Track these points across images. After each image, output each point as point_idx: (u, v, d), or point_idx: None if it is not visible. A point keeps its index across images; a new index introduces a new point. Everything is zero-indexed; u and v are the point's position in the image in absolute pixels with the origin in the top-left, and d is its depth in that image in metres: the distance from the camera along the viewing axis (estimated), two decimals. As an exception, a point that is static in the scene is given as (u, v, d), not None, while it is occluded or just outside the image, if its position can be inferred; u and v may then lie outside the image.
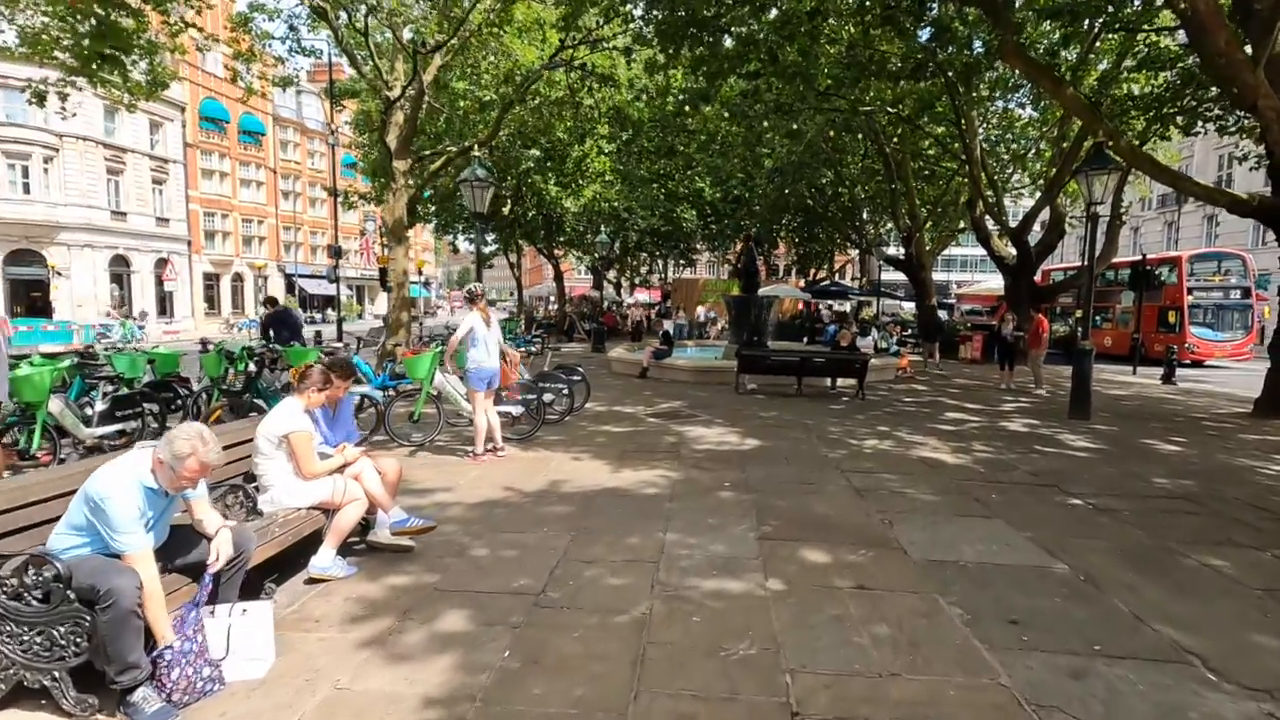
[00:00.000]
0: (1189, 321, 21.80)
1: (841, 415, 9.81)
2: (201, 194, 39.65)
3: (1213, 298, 22.60)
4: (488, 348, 6.70)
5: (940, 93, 16.23)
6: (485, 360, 6.66)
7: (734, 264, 17.18)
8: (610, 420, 9.07)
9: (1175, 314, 22.11)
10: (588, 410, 9.75)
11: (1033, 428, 9.12)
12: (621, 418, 9.27)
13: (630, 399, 11.07)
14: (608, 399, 10.95)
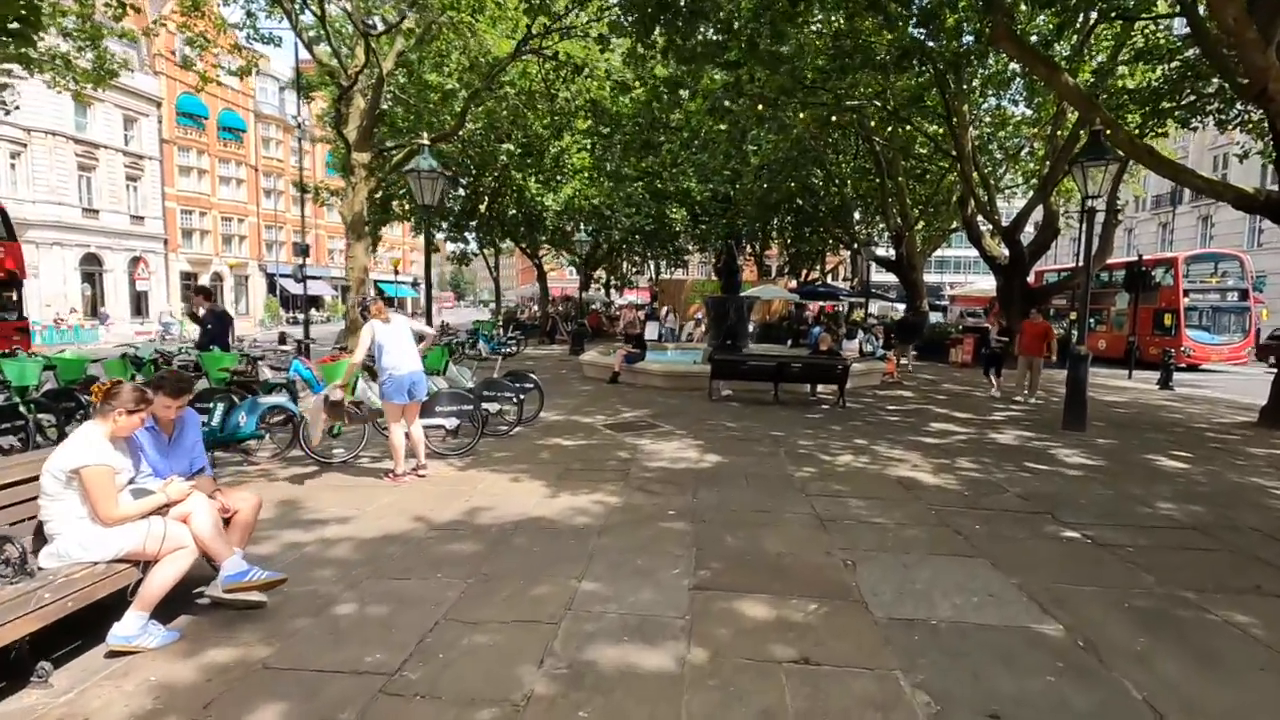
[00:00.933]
0: (1185, 324, 21.22)
1: (817, 426, 9.06)
2: (179, 191, 38.72)
3: (1209, 300, 22.05)
4: (401, 350, 5.90)
5: (930, 85, 15.53)
6: (399, 365, 5.86)
7: (714, 264, 16.42)
8: (563, 432, 8.29)
9: (1171, 316, 21.52)
10: (543, 420, 8.97)
11: (1024, 440, 8.38)
12: (577, 429, 8.50)
13: (593, 406, 10.30)
14: (569, 407, 10.18)
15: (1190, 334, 21.20)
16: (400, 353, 5.86)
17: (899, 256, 23.67)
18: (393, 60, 13.41)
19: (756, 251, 41.71)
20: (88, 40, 13.76)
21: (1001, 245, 20.38)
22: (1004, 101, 23.83)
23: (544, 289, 31.00)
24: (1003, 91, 22.68)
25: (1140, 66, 15.30)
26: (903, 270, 23.83)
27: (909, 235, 23.10)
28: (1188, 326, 21.27)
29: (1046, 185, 18.13)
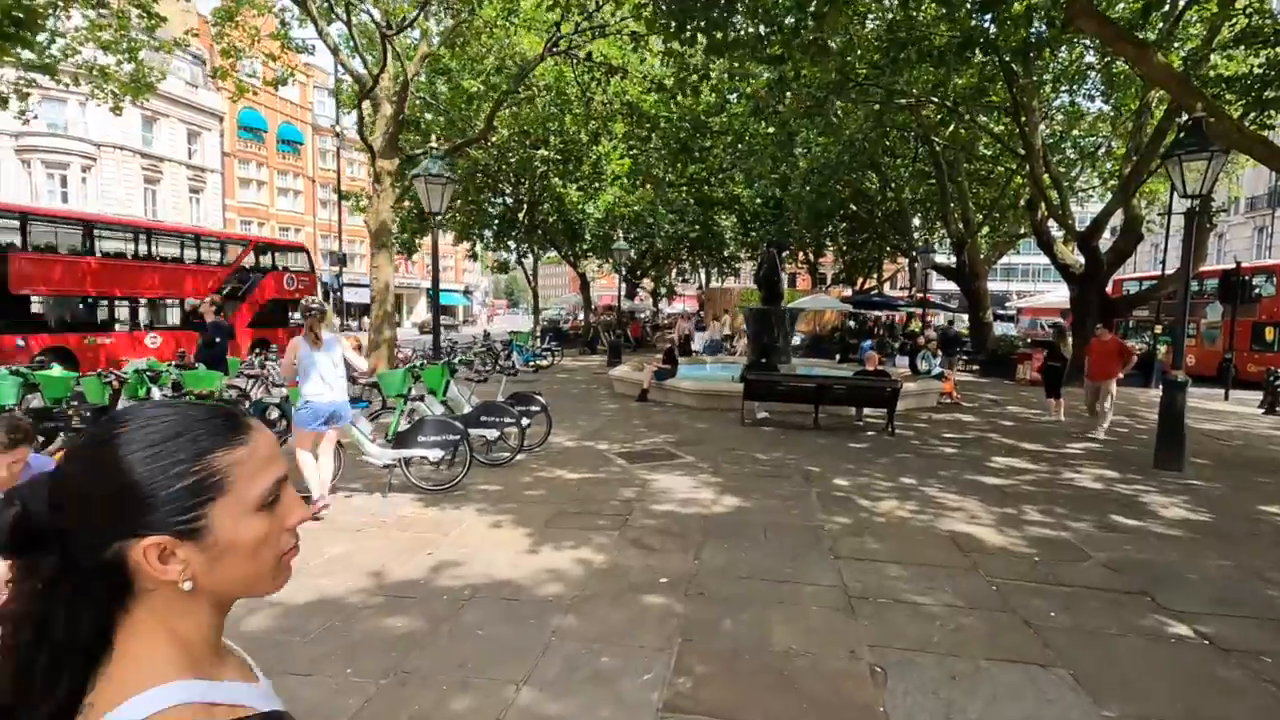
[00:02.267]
0: None
1: (860, 458, 7.97)
2: (239, 203, 40.00)
3: None
4: (322, 378, 5.24)
5: (994, 77, 14.17)
6: (321, 394, 5.24)
7: (755, 272, 15.44)
8: (569, 462, 7.47)
9: (1274, 330, 19.28)
10: (552, 445, 8.19)
11: (1108, 483, 7.10)
12: (585, 459, 7.66)
13: (613, 430, 9.46)
14: (586, 430, 9.37)
15: None
16: (323, 381, 5.23)
17: (960, 264, 22.04)
18: (418, 64, 12.97)
19: (810, 259, 40.30)
20: (125, 53, 13.84)
21: (1076, 252, 18.63)
22: (1078, 98, 22.04)
23: (586, 298, 30.45)
24: (1077, 86, 20.94)
25: (1241, 52, 13.59)
26: (964, 279, 22.18)
27: (971, 242, 21.48)
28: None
29: (1128, 185, 16.38)
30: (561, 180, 21.83)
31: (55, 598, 0.64)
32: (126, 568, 0.65)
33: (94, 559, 0.64)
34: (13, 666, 0.63)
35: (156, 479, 0.65)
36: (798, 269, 47.24)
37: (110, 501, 0.64)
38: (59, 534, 0.64)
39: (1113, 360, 9.76)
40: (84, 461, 0.67)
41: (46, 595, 0.64)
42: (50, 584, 0.65)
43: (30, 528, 0.64)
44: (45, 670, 0.63)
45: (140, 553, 0.64)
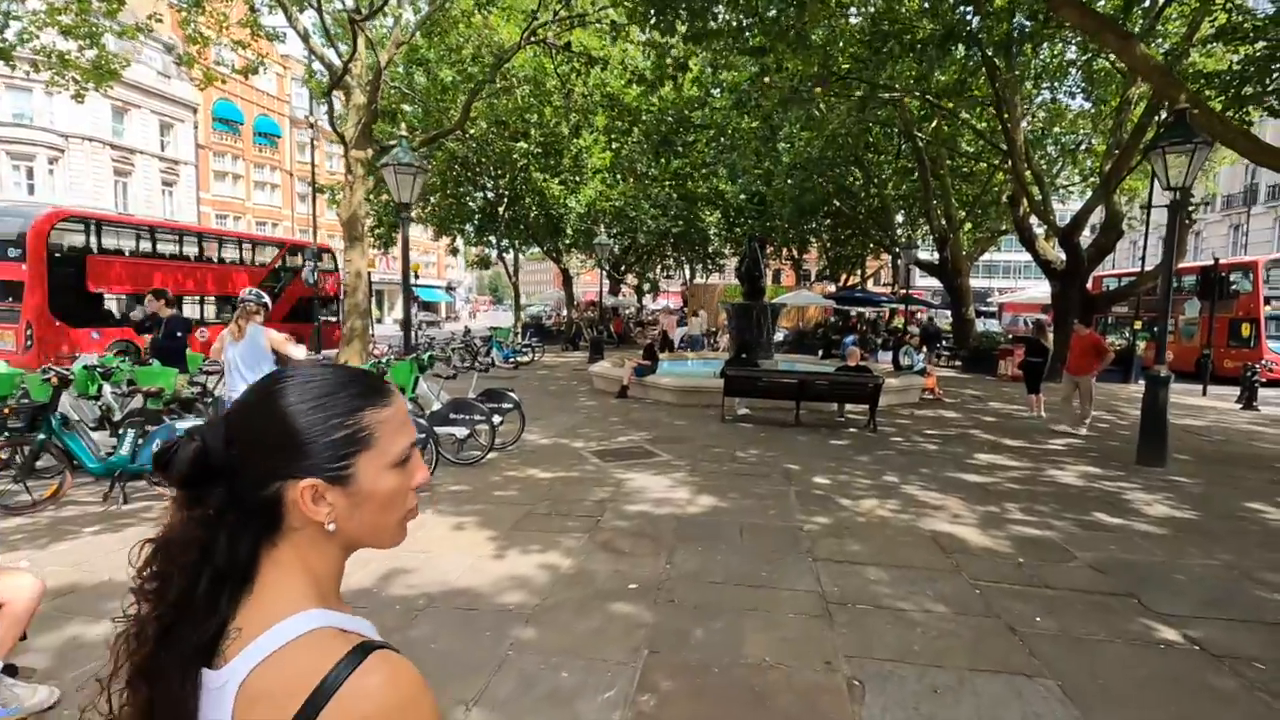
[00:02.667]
0: (1266, 335, 19.13)
1: (841, 456, 7.81)
2: (214, 196, 39.16)
3: None
4: (241, 375, 4.97)
5: (976, 69, 14.08)
6: (234, 392, 4.95)
7: (737, 267, 15.26)
8: (543, 460, 7.23)
9: (1250, 326, 19.44)
10: (526, 443, 7.95)
11: (1090, 480, 6.99)
12: (560, 457, 7.43)
13: (589, 428, 9.23)
14: (562, 427, 9.13)
15: (1272, 345, 19.10)
16: (243, 378, 4.92)
17: (943, 260, 22.04)
18: (391, 50, 12.61)
19: (794, 256, 40.28)
20: (86, 38, 13.34)
21: (1057, 248, 18.67)
22: (1059, 95, 22.11)
23: (569, 294, 30.16)
24: (1058, 83, 21.01)
25: (1220, 48, 13.59)
26: (947, 275, 22.19)
27: (954, 238, 21.47)
28: (1269, 337, 19.19)
29: (1109, 181, 16.42)
30: (543, 174, 21.53)
31: (220, 526, 0.71)
32: (282, 506, 0.72)
33: (256, 495, 0.71)
34: (180, 584, 0.69)
35: (316, 428, 0.72)
36: (782, 265, 47.27)
37: (276, 445, 0.71)
38: (229, 470, 0.71)
39: (1088, 356, 9.69)
40: (255, 408, 0.74)
41: (212, 523, 0.70)
42: (217, 514, 0.71)
43: (207, 462, 0.71)
44: (206, 590, 0.69)
45: (297, 492, 0.71)
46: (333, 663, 0.65)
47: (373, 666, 0.65)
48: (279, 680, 0.65)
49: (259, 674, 0.65)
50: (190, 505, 0.72)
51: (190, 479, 0.71)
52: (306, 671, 0.64)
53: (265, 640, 0.67)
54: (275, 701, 0.64)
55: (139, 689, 0.70)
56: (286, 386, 0.74)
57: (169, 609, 0.70)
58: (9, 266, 13.34)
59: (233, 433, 0.72)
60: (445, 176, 20.20)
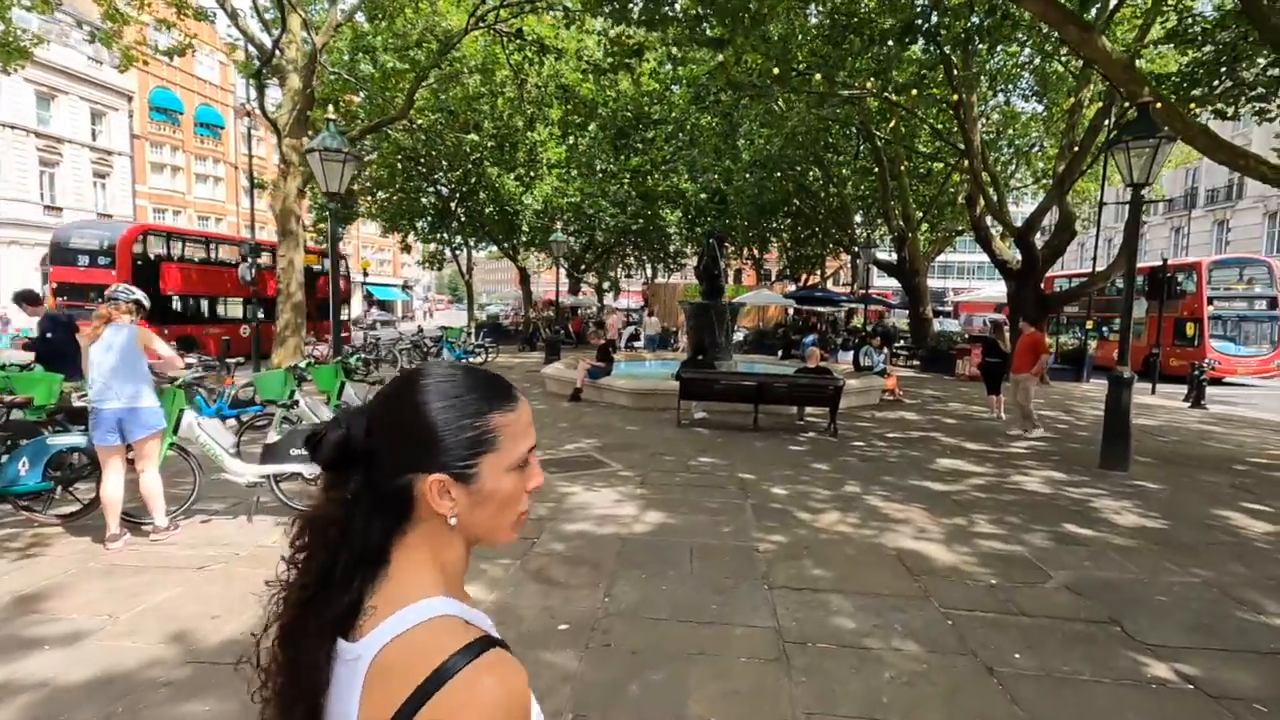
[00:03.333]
0: (1209, 334, 19.57)
1: (800, 463, 7.41)
2: (151, 189, 37.18)
3: (1235, 308, 20.37)
4: (106, 376, 4.33)
5: (934, 64, 13.93)
6: (101, 398, 4.34)
7: (695, 266, 14.85)
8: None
9: (1194, 326, 19.84)
10: (466, 454, 7.35)
11: (1056, 486, 6.72)
12: (500, 468, 6.85)
13: (537, 434, 8.63)
14: (507, 434, 8.53)
15: (1214, 344, 19.54)
16: (104, 381, 4.28)
17: (901, 260, 22.04)
18: (327, 34, 11.82)
19: (755, 255, 40.22)
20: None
21: (1013, 248, 18.77)
22: (1014, 98, 22.36)
23: (526, 293, 29.41)
24: (1012, 85, 21.23)
25: (1170, 50, 13.74)
26: (905, 275, 22.20)
27: (912, 238, 21.48)
28: (1212, 337, 19.65)
29: (1063, 182, 16.51)
30: (497, 168, 20.79)
31: (356, 509, 0.75)
32: (413, 496, 0.75)
33: (390, 484, 0.75)
34: (321, 559, 0.74)
35: (450, 427, 0.75)
36: (743, 265, 47.28)
37: (412, 438, 0.75)
38: (368, 457, 0.75)
39: (1026, 355, 9.55)
40: (395, 401, 0.78)
41: (350, 506, 0.75)
42: (354, 497, 0.75)
43: (349, 448, 0.75)
44: (345, 568, 0.73)
45: (427, 485, 0.75)
46: (451, 651, 0.67)
47: (489, 663, 0.68)
48: (402, 659, 0.68)
49: (388, 651, 0.69)
50: (333, 487, 0.76)
51: (334, 462, 0.75)
52: (427, 655, 0.67)
53: (394, 621, 0.70)
54: (396, 679, 0.67)
55: (284, 650, 0.74)
56: (424, 383, 0.77)
57: (312, 580, 0.74)
58: (100, 273, 15.30)
59: (373, 423, 0.76)
60: (394, 169, 19.32)
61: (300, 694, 0.72)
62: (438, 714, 0.64)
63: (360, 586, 0.73)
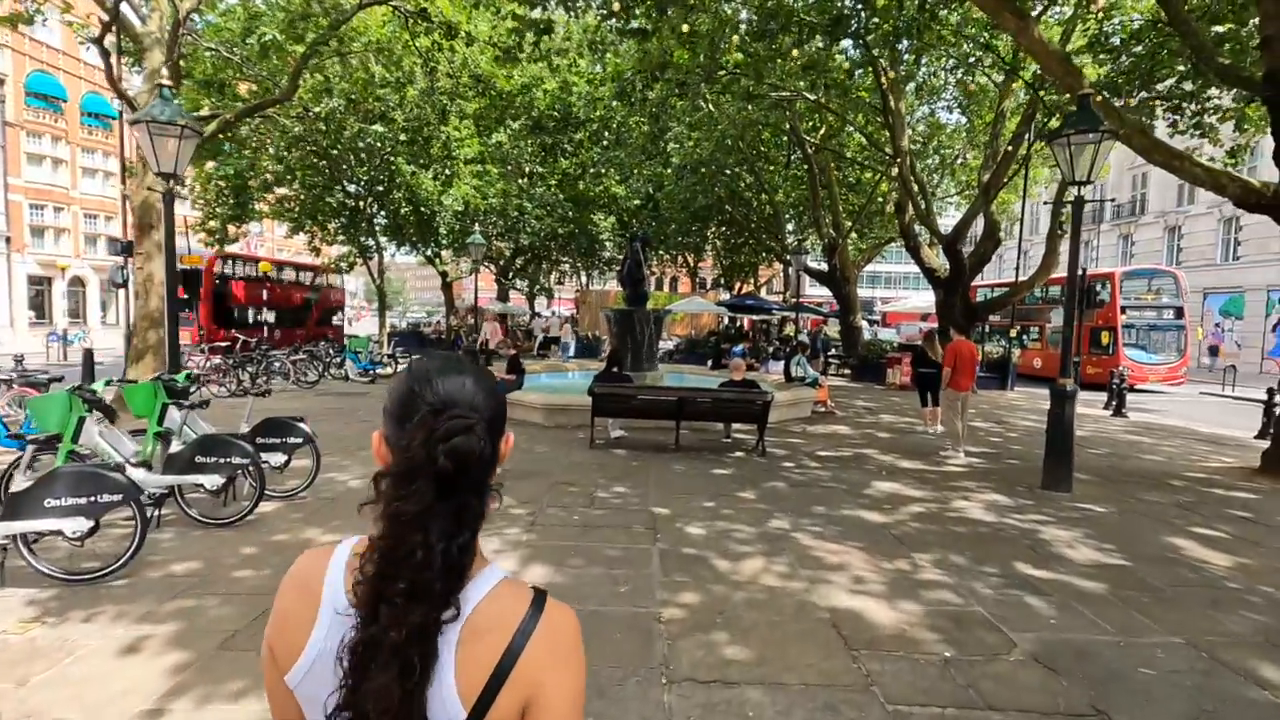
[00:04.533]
0: (1123, 343, 20.09)
1: (724, 489, 6.52)
2: (27, 182, 33.55)
3: (1145, 318, 20.97)
4: None
5: (863, 63, 13.50)
6: None
7: (618, 271, 13.94)
8: (337, 515, 5.44)
9: (1109, 334, 20.32)
10: (335, 486, 6.13)
11: (1000, 513, 6.05)
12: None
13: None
14: (389, 461, 7.33)
15: (1128, 353, 20.04)
16: None
17: (832, 268, 21.77)
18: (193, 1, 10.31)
19: (690, 263, 39.77)
20: None
21: (940, 256, 18.70)
22: (939, 109, 22.58)
23: (448, 299, 27.83)
24: (936, 97, 21.37)
25: (1093, 59, 13.76)
26: (836, 283, 21.94)
27: (842, 245, 21.23)
28: (1125, 345, 20.16)
29: (988, 190, 16.46)
30: (411, 165, 19.33)
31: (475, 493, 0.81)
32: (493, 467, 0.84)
33: (491, 463, 0.84)
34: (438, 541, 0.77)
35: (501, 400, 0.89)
36: (678, 272, 46.86)
37: (497, 417, 0.87)
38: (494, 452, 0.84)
39: (971, 367, 8.90)
40: (479, 390, 0.85)
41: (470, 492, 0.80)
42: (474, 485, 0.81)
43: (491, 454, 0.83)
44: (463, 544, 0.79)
45: (504, 448, 0.88)
46: (527, 604, 0.82)
47: (556, 607, 0.84)
48: (492, 618, 0.80)
49: (477, 614, 0.79)
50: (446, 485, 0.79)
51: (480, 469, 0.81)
52: (513, 609, 0.81)
53: (474, 587, 0.81)
54: (492, 634, 0.79)
55: (407, 617, 0.75)
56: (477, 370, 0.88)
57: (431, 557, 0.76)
58: None
59: (483, 417, 0.83)
60: (289, 163, 17.61)
61: (421, 662, 0.75)
62: (536, 656, 0.79)
63: (466, 558, 0.80)
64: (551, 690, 0.79)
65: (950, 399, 8.79)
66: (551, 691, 0.79)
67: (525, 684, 0.78)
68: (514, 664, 0.77)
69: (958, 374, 8.69)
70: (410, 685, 0.74)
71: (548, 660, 0.79)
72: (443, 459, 0.76)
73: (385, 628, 0.74)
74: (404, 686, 0.74)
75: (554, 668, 0.80)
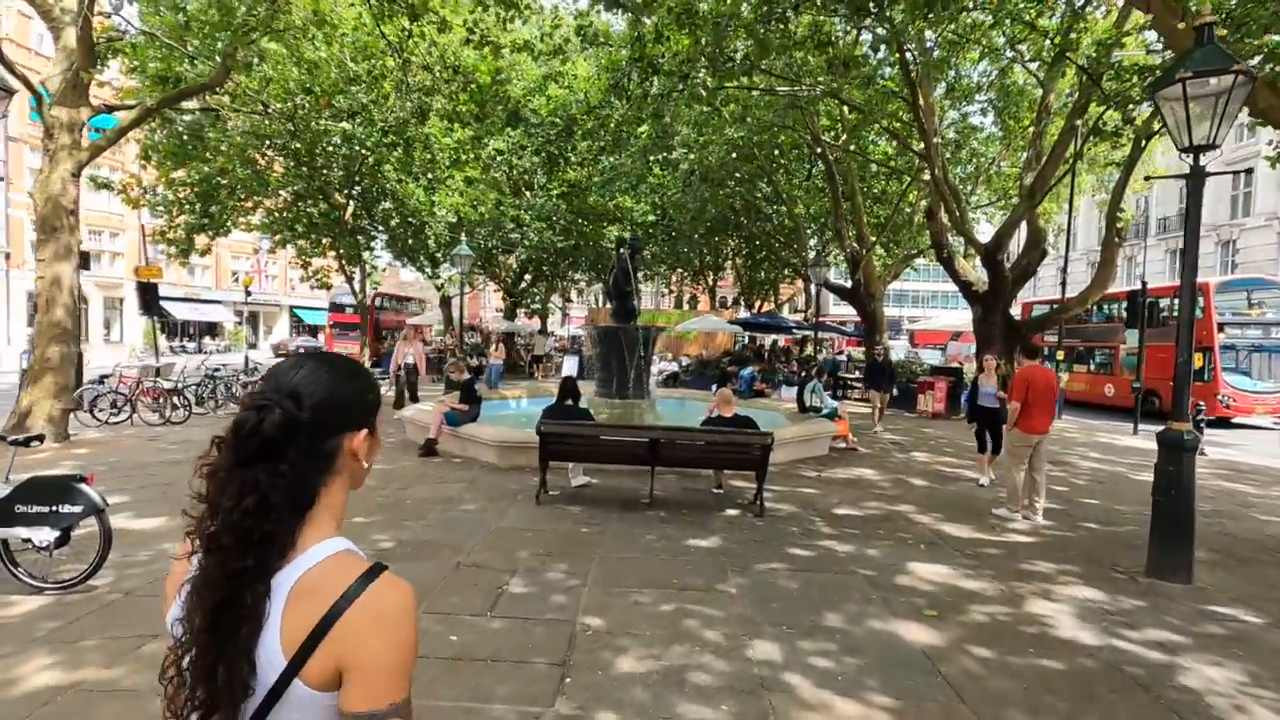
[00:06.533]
0: (1220, 367, 15.97)
1: (699, 574, 4.64)
2: (28, 196, 32.98)
3: (1248, 337, 16.84)
4: None
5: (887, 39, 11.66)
6: None
7: (606, 281, 12.19)
8: (116, 623, 3.68)
9: (1202, 357, 15.97)
10: (134, 572, 4.39)
11: (1104, 625, 4.07)
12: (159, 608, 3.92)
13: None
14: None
15: (1228, 379, 16.08)
16: None
17: (855, 284, 19.78)
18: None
19: (708, 282, 38.06)
20: None
21: (978, 268, 16.69)
22: (972, 113, 20.63)
23: (446, 316, 26.34)
24: (966, 101, 19.39)
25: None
26: (860, 300, 19.93)
27: (866, 258, 19.26)
28: (1224, 370, 16.09)
29: (1034, 194, 14.44)
30: (397, 171, 17.92)
31: (295, 467, 0.90)
32: (339, 451, 0.95)
33: (324, 444, 0.94)
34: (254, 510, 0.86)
35: (365, 394, 1.01)
36: (696, 291, 45.12)
37: (342, 406, 0.97)
38: (304, 426, 0.91)
39: (1047, 402, 6.81)
40: (318, 379, 0.95)
41: (290, 465, 0.89)
42: (294, 458, 0.90)
43: (294, 422, 0.90)
44: (284, 516, 0.88)
45: (357, 441, 0.97)
46: (357, 574, 0.87)
47: (389, 580, 0.88)
48: (318, 584, 0.86)
49: (305, 579, 0.87)
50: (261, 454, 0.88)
51: (279, 437, 0.89)
52: (338, 579, 0.86)
53: (308, 556, 0.88)
54: (314, 599, 0.85)
55: (222, 588, 0.85)
56: (333, 363, 1.00)
57: (248, 528, 0.86)
58: (353, 316, 25.62)
59: (301, 398, 0.92)
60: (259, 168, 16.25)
61: (245, 627, 0.84)
62: (352, 621, 0.83)
63: (294, 530, 0.89)
64: (366, 655, 0.84)
65: (1018, 445, 6.59)
66: (366, 656, 0.84)
67: (340, 646, 0.83)
68: (330, 626, 0.83)
69: (1030, 411, 6.54)
70: (215, 621, 0.84)
71: (365, 628, 0.83)
72: (228, 431, 0.89)
73: (201, 570, 0.87)
74: (209, 620, 0.84)
75: (371, 635, 0.84)
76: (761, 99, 15.28)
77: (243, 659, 0.83)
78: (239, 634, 0.83)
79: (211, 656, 0.83)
